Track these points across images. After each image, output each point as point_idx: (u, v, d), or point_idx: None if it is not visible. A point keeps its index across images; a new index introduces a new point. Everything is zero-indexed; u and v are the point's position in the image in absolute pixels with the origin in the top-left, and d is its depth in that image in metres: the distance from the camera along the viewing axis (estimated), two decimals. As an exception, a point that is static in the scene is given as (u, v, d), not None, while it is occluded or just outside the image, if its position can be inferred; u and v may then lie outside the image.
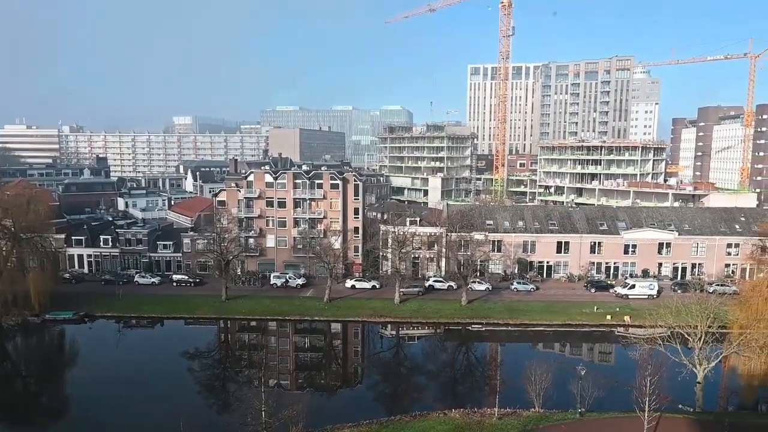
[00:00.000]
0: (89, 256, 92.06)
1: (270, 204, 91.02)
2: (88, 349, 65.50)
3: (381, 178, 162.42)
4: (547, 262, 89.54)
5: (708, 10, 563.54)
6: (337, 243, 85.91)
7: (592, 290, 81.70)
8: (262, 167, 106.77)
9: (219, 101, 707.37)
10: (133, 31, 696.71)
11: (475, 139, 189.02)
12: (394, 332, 71.85)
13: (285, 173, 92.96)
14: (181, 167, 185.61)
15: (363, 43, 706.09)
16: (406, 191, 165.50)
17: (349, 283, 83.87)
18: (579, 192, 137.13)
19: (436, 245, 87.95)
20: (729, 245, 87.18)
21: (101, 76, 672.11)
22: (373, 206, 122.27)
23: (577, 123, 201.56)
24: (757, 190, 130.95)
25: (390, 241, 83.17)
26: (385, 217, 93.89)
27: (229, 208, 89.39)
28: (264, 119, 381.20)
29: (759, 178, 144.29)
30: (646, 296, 77.22)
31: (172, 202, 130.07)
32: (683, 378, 48.26)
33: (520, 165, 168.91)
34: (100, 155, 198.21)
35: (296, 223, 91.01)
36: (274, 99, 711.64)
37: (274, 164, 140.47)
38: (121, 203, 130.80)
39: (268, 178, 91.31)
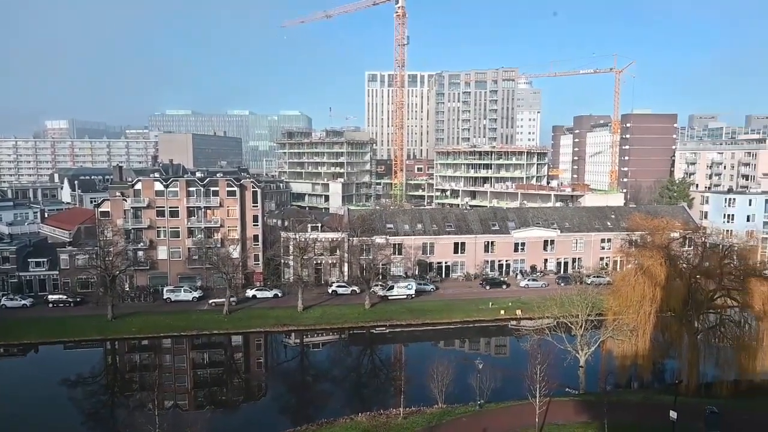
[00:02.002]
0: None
1: (161, 213, 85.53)
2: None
3: (281, 185, 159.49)
4: (446, 263, 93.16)
5: (579, 29, 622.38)
6: (235, 252, 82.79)
7: (487, 287, 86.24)
8: (151, 174, 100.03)
9: (100, 104, 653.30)
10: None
11: (375, 145, 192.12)
12: (298, 341, 70.60)
13: (177, 181, 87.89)
14: (56, 176, 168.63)
15: (260, 47, 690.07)
16: (306, 197, 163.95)
17: (249, 293, 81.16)
18: (473, 195, 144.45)
19: (338, 250, 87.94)
20: (603, 240, 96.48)
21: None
22: (273, 213, 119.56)
23: (469, 129, 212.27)
24: (624, 191, 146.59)
25: (291, 248, 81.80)
26: (286, 223, 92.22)
27: (114, 219, 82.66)
28: (153, 123, 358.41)
29: (625, 180, 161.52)
30: (405, 296, 79.08)
31: (46, 215, 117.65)
32: (568, 363, 52.46)
33: (418, 170, 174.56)
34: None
35: (191, 232, 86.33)
36: (164, 102, 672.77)
37: (165, 171, 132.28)
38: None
39: (158, 186, 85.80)
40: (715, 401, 45.43)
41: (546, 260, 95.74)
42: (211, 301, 77.46)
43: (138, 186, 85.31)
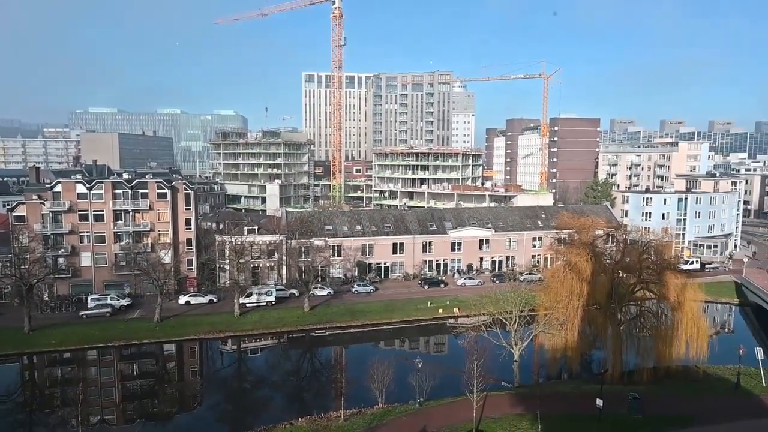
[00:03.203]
0: None
1: (84, 218, 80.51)
2: None
3: (215, 186, 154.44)
4: (385, 263, 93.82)
5: (512, 34, 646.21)
6: (167, 257, 79.34)
7: (426, 287, 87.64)
8: (73, 176, 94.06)
9: (13, 100, 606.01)
10: None
11: (312, 146, 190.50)
12: (235, 347, 68.65)
13: (102, 183, 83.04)
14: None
15: (192, 45, 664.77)
16: (242, 199, 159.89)
17: (182, 299, 78.01)
18: (411, 196, 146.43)
19: (276, 253, 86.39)
20: (534, 239, 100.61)
21: None
22: (208, 216, 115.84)
23: (406, 131, 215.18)
24: (553, 191, 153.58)
25: (227, 251, 79.52)
26: (221, 226, 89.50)
27: (31, 224, 76.93)
28: (74, 122, 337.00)
29: (554, 181, 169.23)
30: (265, 303, 76.37)
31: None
32: (503, 358, 54.19)
33: (357, 171, 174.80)
34: None
35: (117, 237, 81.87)
36: (87, 99, 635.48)
37: (88, 172, 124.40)
38: None
39: (81, 189, 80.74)
40: (637, 387, 48.59)
41: (482, 259, 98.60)
42: (81, 314, 71.52)
43: (58, 188, 79.87)
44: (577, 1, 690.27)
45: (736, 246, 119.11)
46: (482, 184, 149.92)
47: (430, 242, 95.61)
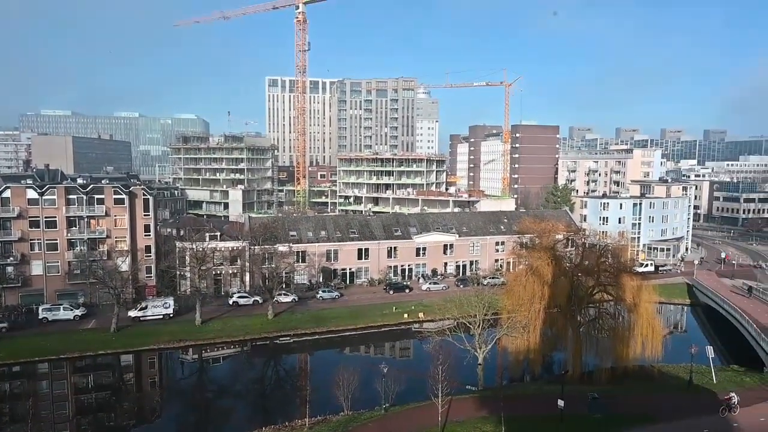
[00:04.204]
0: None
1: (35, 224, 77.12)
2: None
3: (176, 192, 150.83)
4: (350, 269, 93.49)
5: (475, 43, 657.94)
6: (124, 265, 76.82)
7: (391, 292, 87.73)
8: (23, 181, 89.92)
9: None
10: None
11: (276, 151, 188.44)
12: (196, 356, 66.93)
13: (54, 188, 79.75)
14: None
15: (151, 46, 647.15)
16: (204, 205, 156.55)
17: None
18: (375, 201, 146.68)
19: (239, 260, 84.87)
20: (497, 243, 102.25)
21: None
22: (168, 222, 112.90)
23: (371, 137, 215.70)
24: (515, 196, 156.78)
25: (188, 258, 77.61)
26: (182, 232, 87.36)
27: (-23, 232, 73.21)
28: (25, 124, 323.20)
29: (516, 186, 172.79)
30: (161, 316, 73.01)
31: None
32: (468, 362, 54.79)
33: (321, 176, 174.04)
34: None
35: (71, 245, 78.74)
36: (39, 101, 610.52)
37: (40, 177, 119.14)
38: None
39: (32, 194, 77.38)
40: (596, 387, 49.87)
41: (446, 263, 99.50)
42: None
43: (6, 194, 76.33)
44: (537, 12, 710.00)
45: (687, 249, 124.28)
46: (446, 189, 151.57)
47: (395, 247, 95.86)
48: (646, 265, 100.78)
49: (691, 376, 52.01)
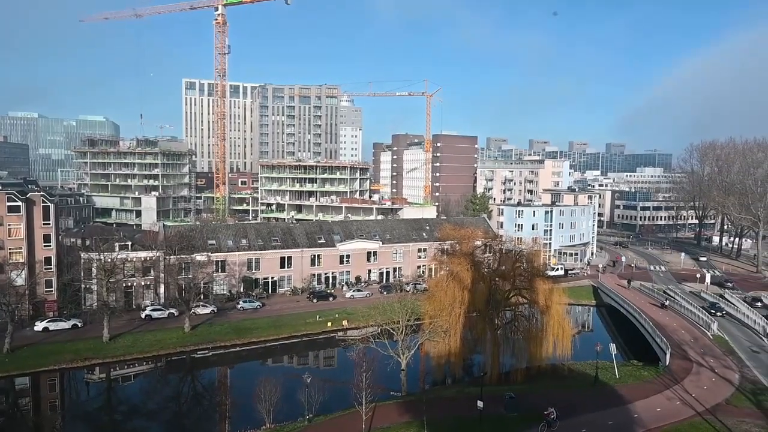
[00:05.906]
0: None
1: None
2: None
3: (81, 199, 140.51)
4: (272, 278, 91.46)
5: (397, 53, 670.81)
6: (20, 278, 70.20)
7: (315, 300, 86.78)
8: None
9: None
10: None
11: (194, 156, 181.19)
12: (104, 375, 62.32)
13: (-64, 194, 71.58)
14: None
15: (54, 41, 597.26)
16: (114, 212, 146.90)
17: (40, 325, 69.24)
18: (299, 208, 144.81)
19: (152, 270, 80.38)
20: (419, 250, 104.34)
21: None
22: (72, 231, 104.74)
23: (294, 143, 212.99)
24: (437, 204, 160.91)
25: (95, 270, 72.35)
26: (88, 242, 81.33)
27: None
28: None
29: (437, 194, 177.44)
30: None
31: None
32: (391, 368, 55.20)
33: (242, 183, 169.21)
34: None
35: (-44, 257, 70.85)
36: None
37: None
38: None
39: None
40: (513, 387, 52.22)
41: (370, 271, 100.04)
42: None
43: None
44: (457, 24, 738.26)
45: (592, 253, 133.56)
46: (370, 197, 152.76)
47: (318, 255, 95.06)
48: (557, 269, 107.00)
49: (597, 372, 55.73)
